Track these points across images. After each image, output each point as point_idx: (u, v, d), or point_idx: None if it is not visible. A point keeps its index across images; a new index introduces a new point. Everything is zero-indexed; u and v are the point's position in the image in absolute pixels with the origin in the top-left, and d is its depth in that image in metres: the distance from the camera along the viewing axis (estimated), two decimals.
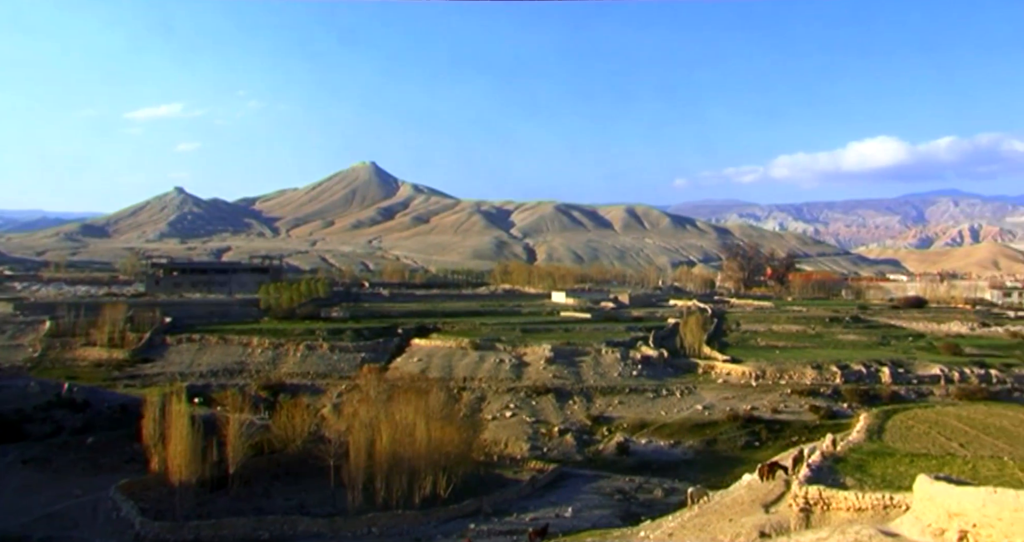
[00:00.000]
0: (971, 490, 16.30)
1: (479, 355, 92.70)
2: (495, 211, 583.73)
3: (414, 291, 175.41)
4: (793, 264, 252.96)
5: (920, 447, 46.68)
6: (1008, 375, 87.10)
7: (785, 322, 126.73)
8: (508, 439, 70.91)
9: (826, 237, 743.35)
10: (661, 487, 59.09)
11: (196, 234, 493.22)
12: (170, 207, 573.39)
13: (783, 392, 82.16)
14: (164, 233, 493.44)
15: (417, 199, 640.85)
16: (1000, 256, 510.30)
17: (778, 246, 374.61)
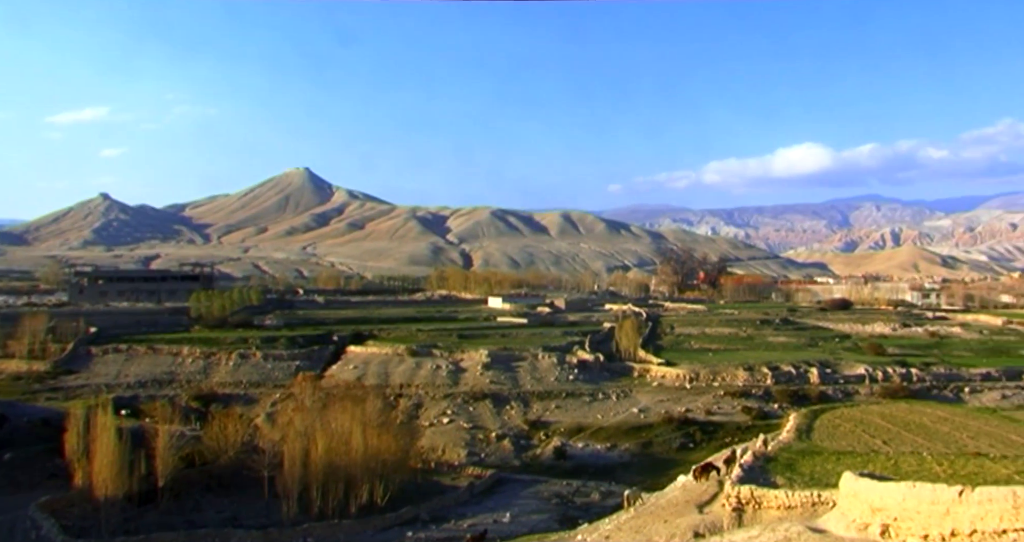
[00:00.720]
0: (892, 485, 16.85)
1: (416, 361, 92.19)
2: (431, 217, 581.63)
3: (349, 298, 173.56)
4: (725, 268, 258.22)
5: (846, 445, 48.09)
6: (927, 373, 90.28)
7: (718, 325, 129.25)
8: (445, 445, 70.62)
9: (756, 241, 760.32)
10: (598, 490, 59.50)
11: (123, 241, 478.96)
12: (95, 214, 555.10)
13: (716, 394, 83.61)
14: (88, 240, 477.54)
15: (352, 205, 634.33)
16: (919, 259, 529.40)
17: (710, 250, 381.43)
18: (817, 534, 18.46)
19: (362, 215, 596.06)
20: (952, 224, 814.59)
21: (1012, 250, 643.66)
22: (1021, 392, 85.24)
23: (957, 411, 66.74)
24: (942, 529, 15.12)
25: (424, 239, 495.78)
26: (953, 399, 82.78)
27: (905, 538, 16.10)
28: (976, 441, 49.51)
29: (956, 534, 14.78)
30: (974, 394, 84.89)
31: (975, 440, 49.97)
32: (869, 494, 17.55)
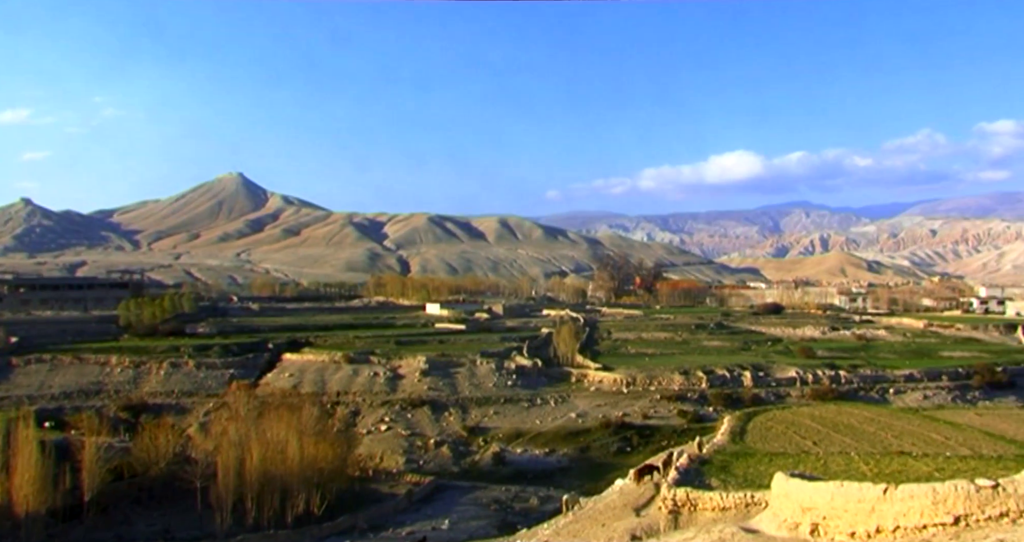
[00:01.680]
0: (821, 485, 17.33)
1: (353, 369, 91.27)
2: (368, 223, 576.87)
3: (285, 305, 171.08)
4: (661, 273, 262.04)
5: (778, 446, 49.26)
6: (855, 375, 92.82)
7: (654, 330, 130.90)
8: (383, 453, 70.05)
9: (691, 247, 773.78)
10: (537, 495, 59.71)
11: (46, 248, 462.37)
12: (16, 219, 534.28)
13: (653, 398, 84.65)
14: (9, 247, 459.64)
15: (288, 211, 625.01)
16: (847, 264, 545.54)
17: (646, 256, 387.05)
18: (750, 534, 18.87)
19: (298, 221, 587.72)
20: (877, 230, 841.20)
21: (932, 255, 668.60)
22: (941, 392, 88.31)
23: (882, 412, 68.94)
24: (868, 526, 15.64)
25: (361, 245, 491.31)
26: (879, 400, 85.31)
27: (833, 536, 16.60)
28: (900, 440, 51.25)
29: (881, 530, 15.30)
30: (898, 395, 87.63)
31: (899, 439, 51.72)
32: (799, 494, 18.03)
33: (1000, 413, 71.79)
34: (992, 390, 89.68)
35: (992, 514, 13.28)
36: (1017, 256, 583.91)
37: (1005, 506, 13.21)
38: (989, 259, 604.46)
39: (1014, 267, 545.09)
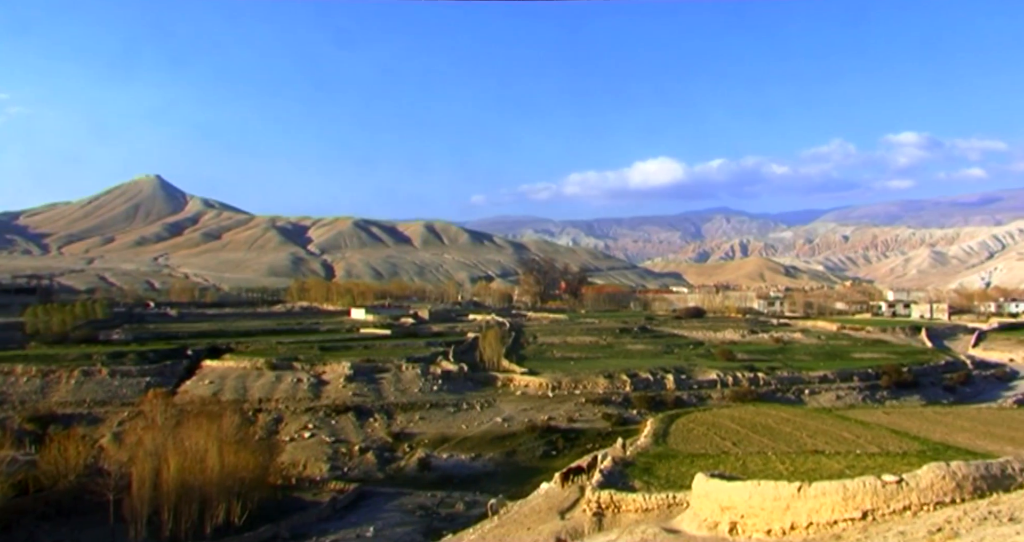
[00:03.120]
0: (739, 484, 17.81)
1: (275, 375, 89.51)
2: (291, 227, 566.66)
3: (205, 310, 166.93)
4: (586, 278, 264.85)
5: (699, 448, 50.30)
6: (772, 377, 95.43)
7: (579, 334, 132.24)
8: (307, 460, 68.84)
9: (615, 252, 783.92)
10: (463, 501, 59.55)
11: None
12: None
13: (578, 401, 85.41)
14: None
15: (208, 214, 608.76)
16: (765, 269, 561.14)
17: (571, 261, 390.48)
18: (671, 535, 19.25)
19: (218, 225, 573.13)
20: (793, 236, 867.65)
21: (845, 260, 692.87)
22: (852, 392, 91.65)
23: (798, 412, 71.07)
24: (783, 523, 16.14)
25: (284, 249, 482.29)
26: (795, 401, 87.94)
27: (751, 534, 17.06)
28: (814, 439, 52.90)
29: (795, 527, 15.81)
30: (813, 395, 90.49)
31: (813, 438, 53.38)
32: (719, 494, 18.49)
33: (906, 411, 74.86)
34: (899, 389, 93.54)
35: (896, 508, 13.88)
36: (921, 261, 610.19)
37: (908, 500, 13.81)
38: (896, 264, 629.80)
39: (919, 272, 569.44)
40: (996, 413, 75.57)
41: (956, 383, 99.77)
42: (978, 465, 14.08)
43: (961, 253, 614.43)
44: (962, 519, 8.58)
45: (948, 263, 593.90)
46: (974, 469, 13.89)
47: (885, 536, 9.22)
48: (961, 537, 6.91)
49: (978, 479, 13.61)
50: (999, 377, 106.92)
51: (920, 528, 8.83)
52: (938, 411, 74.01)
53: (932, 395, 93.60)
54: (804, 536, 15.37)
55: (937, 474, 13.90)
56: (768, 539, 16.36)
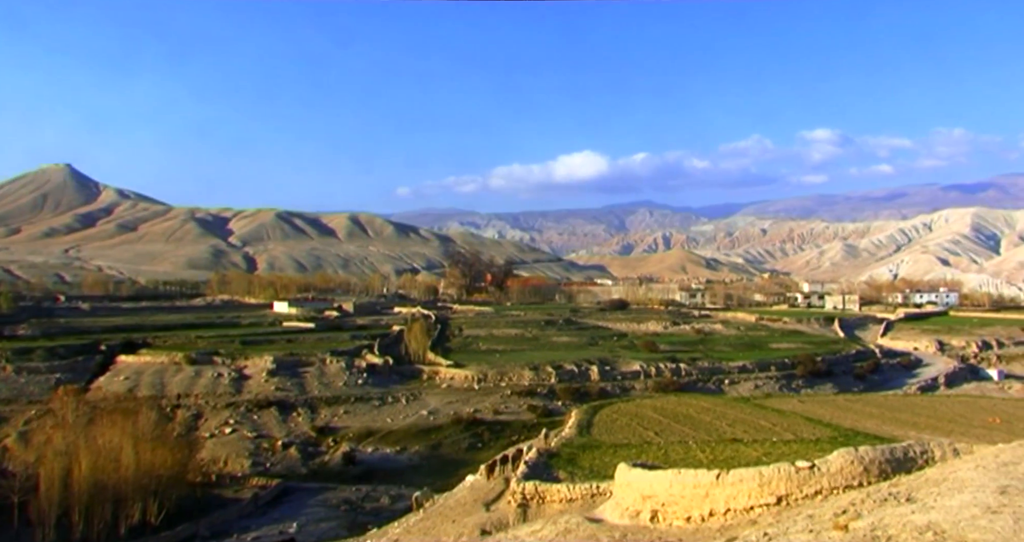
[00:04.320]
0: (660, 473, 18.16)
1: (195, 370, 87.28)
2: (211, 218, 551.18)
3: (120, 304, 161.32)
4: (511, 270, 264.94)
5: (623, 438, 51.13)
6: (694, 368, 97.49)
7: (505, 326, 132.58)
8: (228, 456, 67.41)
9: (541, 244, 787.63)
10: (388, 494, 59.28)
11: None
12: None
13: (504, 394, 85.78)
14: None
15: (123, 205, 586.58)
16: (687, 261, 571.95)
17: (497, 253, 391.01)
18: (594, 524, 19.52)
19: (134, 216, 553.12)
20: (714, 229, 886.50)
21: (763, 253, 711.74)
22: (770, 382, 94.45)
23: (718, 401, 72.94)
24: (702, 510, 16.53)
25: (204, 242, 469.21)
26: (715, 390, 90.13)
27: (671, 521, 17.43)
28: (733, 428, 54.38)
29: (714, 513, 16.22)
30: (732, 385, 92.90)
31: (732, 427, 54.87)
32: (640, 483, 18.82)
33: (819, 399, 77.65)
34: (813, 378, 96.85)
35: (809, 492, 14.40)
36: (834, 254, 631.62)
37: (820, 484, 14.35)
38: (811, 257, 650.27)
39: (832, 264, 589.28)
40: (901, 400, 79.10)
41: (865, 372, 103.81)
42: (883, 449, 14.71)
43: (871, 246, 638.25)
44: (865, 501, 8.96)
45: (859, 256, 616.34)
46: (879, 453, 14.51)
47: (795, 519, 9.55)
48: (863, 518, 7.20)
49: (883, 463, 14.23)
50: (904, 365, 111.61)
51: (827, 511, 9.18)
52: (849, 399, 76.99)
53: (843, 383, 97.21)
54: (722, 522, 15.77)
55: (846, 459, 14.47)
56: (688, 526, 16.74)
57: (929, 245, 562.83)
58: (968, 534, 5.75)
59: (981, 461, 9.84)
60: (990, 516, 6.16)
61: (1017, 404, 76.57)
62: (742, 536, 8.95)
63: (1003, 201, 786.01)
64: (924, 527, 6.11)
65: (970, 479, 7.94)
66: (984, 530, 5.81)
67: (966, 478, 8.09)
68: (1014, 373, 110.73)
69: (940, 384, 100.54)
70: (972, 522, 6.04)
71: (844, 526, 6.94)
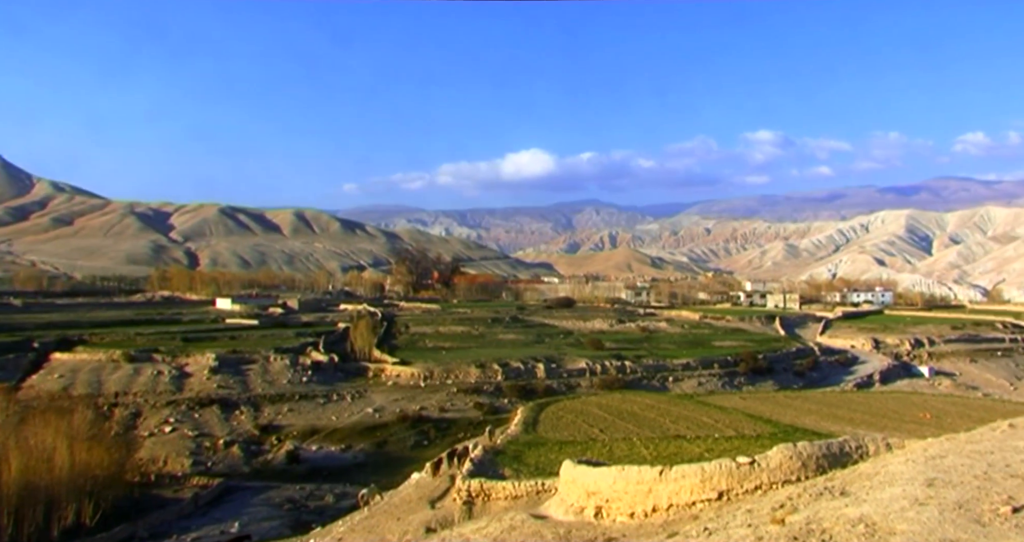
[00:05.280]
0: (604, 470, 18.35)
1: (133, 367, 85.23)
2: (152, 213, 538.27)
3: (55, 300, 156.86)
4: (458, 268, 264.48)
5: (568, 435, 51.47)
6: (639, 365, 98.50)
7: (451, 323, 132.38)
8: (167, 456, 66.06)
9: (488, 242, 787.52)
10: (332, 493, 58.78)
11: None
12: None
13: (450, 391, 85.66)
14: None
15: (58, 198, 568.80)
16: (633, 260, 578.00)
17: (444, 250, 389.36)
18: (538, 520, 19.63)
19: (70, 210, 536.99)
20: (660, 228, 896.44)
21: (707, 252, 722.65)
22: (713, 379, 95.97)
23: (662, 399, 73.90)
24: (645, 506, 16.76)
25: (144, 237, 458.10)
26: (659, 388, 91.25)
27: (615, 517, 17.64)
28: (677, 425, 55.18)
29: (657, 509, 16.46)
30: (676, 382, 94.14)
31: (676, 424, 55.67)
32: (585, 479, 18.99)
33: (760, 396, 79.23)
34: (754, 375, 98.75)
35: (749, 487, 14.71)
36: (776, 254, 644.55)
37: (760, 480, 14.67)
38: (754, 256, 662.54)
39: (774, 264, 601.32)
40: (839, 396, 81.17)
41: (805, 369, 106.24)
42: (820, 445, 15.11)
43: (811, 246, 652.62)
44: (802, 495, 9.20)
45: (800, 256, 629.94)
46: (817, 449, 14.90)
47: (735, 514, 9.76)
48: (800, 511, 7.40)
49: (820, 458, 14.61)
50: (842, 363, 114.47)
51: (766, 505, 9.40)
52: (789, 395, 78.71)
53: (784, 380, 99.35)
54: (665, 517, 16.01)
55: (785, 455, 14.82)
56: (631, 522, 16.95)
57: (866, 245, 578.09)
58: (897, 525, 5.95)
59: (911, 455, 10.18)
60: (918, 508, 6.39)
61: (946, 400, 79.21)
62: (683, 531, 9.11)
63: (935, 203, 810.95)
64: (856, 519, 6.31)
65: (900, 473, 8.21)
66: (912, 521, 6.03)
67: (896, 472, 8.36)
68: (944, 370, 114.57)
69: (875, 381, 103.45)
70: (901, 514, 6.26)
71: (781, 520, 7.11)
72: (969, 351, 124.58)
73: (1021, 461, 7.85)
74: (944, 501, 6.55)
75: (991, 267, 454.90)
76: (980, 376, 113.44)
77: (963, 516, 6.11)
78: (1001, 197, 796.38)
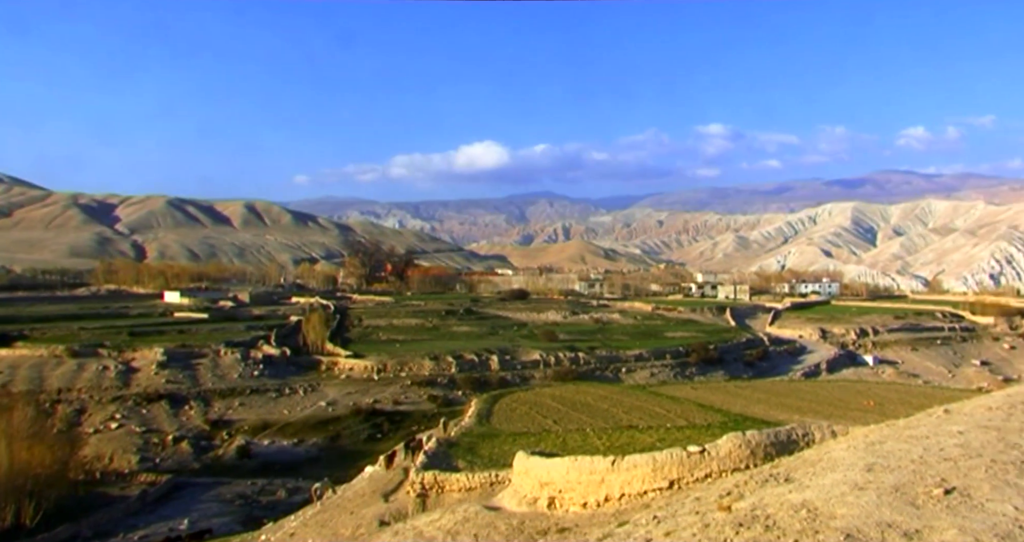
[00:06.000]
0: (558, 461, 18.48)
1: (78, 363, 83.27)
2: (96, 205, 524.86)
3: None
4: (412, 260, 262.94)
5: (522, 427, 51.64)
6: (592, 357, 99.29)
7: (405, 316, 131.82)
8: (114, 453, 64.82)
9: (442, 234, 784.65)
10: (285, 487, 58.31)
11: None
12: None
13: (404, 384, 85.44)
14: None
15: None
16: (586, 252, 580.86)
17: (398, 243, 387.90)
18: (492, 512, 19.71)
19: (8, 201, 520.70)
20: (612, 220, 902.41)
21: (659, 244, 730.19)
22: (665, 369, 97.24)
23: (615, 389, 74.56)
24: (598, 496, 16.93)
25: (88, 229, 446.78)
26: (612, 379, 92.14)
27: (568, 508, 17.79)
28: (629, 415, 55.72)
29: (609, 499, 16.64)
30: (629, 373, 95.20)
31: (628, 414, 56.21)
32: (538, 470, 19.11)
33: (711, 386, 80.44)
34: (706, 366, 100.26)
35: (699, 476, 14.95)
36: (727, 246, 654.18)
37: (709, 468, 14.91)
38: (705, 248, 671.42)
39: (725, 255, 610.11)
40: (787, 385, 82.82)
41: (755, 359, 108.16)
42: (768, 433, 15.41)
43: (761, 238, 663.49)
44: (748, 482, 9.39)
45: (750, 247, 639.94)
46: (765, 437, 15.20)
47: (684, 502, 9.93)
48: (746, 498, 7.57)
49: (768, 446, 14.91)
50: (790, 352, 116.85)
51: (713, 493, 9.59)
52: (739, 385, 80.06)
53: (734, 370, 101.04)
54: (617, 507, 16.19)
55: (735, 443, 15.09)
56: (584, 512, 17.11)
57: (814, 237, 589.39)
58: (837, 509, 6.13)
59: (853, 442, 10.45)
60: (857, 492, 6.58)
61: (889, 387, 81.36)
62: (634, 520, 9.23)
63: (879, 196, 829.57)
64: (799, 505, 6.47)
65: (842, 459, 8.44)
66: (851, 505, 6.21)
67: (838, 458, 8.59)
68: (887, 358, 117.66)
69: (822, 370, 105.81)
70: (841, 498, 6.45)
71: (728, 507, 7.25)
72: (911, 340, 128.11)
73: (954, 445, 8.12)
74: (882, 485, 6.76)
75: (931, 258, 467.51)
76: (921, 364, 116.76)
77: (899, 499, 6.32)
78: (941, 190, 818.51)
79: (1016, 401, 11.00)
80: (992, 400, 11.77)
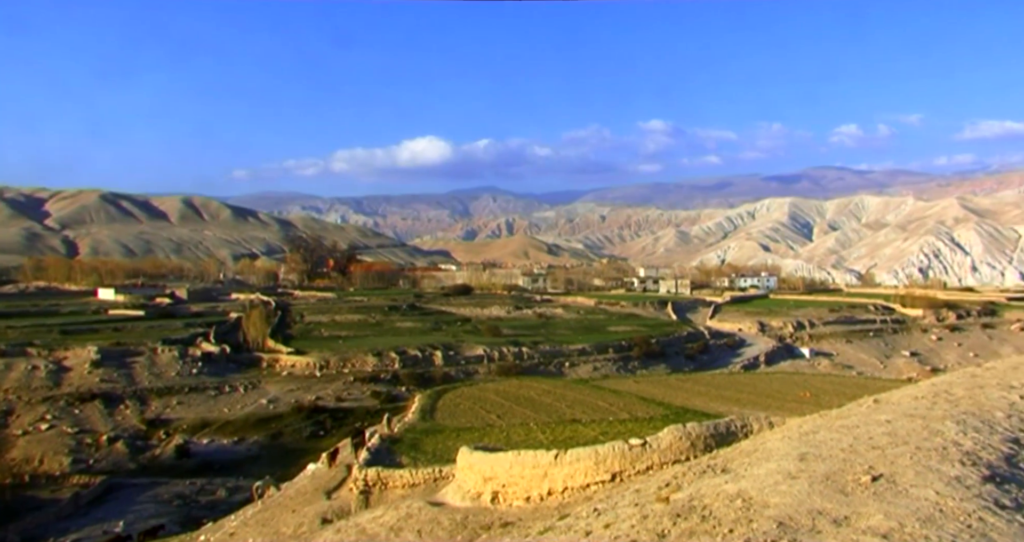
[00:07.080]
0: (501, 455, 18.59)
1: (4, 362, 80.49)
2: (24, 199, 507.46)
3: None
4: (354, 255, 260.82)
5: (466, 422, 51.58)
6: (536, 351, 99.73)
7: (347, 312, 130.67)
8: (44, 454, 62.86)
9: (385, 229, 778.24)
10: (225, 487, 57.30)
11: None
12: None
13: (347, 380, 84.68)
14: None
15: None
16: (529, 247, 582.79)
17: (340, 238, 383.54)
18: (436, 507, 19.74)
19: None
20: (556, 215, 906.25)
21: (602, 239, 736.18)
22: (608, 364, 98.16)
23: (558, 384, 75.01)
24: (541, 489, 17.08)
25: (16, 224, 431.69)
26: (556, 373, 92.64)
27: (511, 501, 17.90)
28: (572, 409, 56.11)
29: (552, 492, 16.80)
30: (572, 367, 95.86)
31: (572, 408, 56.61)
32: (482, 465, 19.19)
33: (653, 379, 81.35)
34: (648, 359, 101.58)
35: (641, 468, 15.19)
36: (668, 241, 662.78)
37: (651, 460, 15.17)
38: (647, 243, 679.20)
39: (666, 250, 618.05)
40: (727, 378, 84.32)
41: (696, 352, 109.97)
42: (708, 425, 15.73)
43: (701, 233, 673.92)
44: (687, 474, 9.59)
45: (691, 242, 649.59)
46: (704, 429, 15.51)
47: (624, 494, 10.09)
48: (683, 489, 7.73)
49: (707, 437, 15.22)
50: (730, 345, 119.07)
51: (653, 484, 9.76)
52: (680, 378, 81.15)
53: (676, 363, 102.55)
54: (560, 500, 16.36)
55: (675, 436, 15.37)
56: (527, 505, 17.25)
57: (752, 232, 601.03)
58: (771, 498, 6.31)
59: (787, 432, 10.74)
60: (790, 481, 6.79)
61: (825, 379, 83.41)
62: (575, 512, 9.35)
63: (815, 191, 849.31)
64: (735, 495, 6.64)
65: (776, 449, 8.67)
66: (784, 494, 6.41)
67: (773, 448, 8.82)
68: (823, 350, 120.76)
69: (761, 362, 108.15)
70: (775, 487, 6.64)
71: (666, 498, 7.40)
72: (845, 332, 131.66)
73: (882, 433, 8.42)
74: (814, 474, 6.98)
75: (864, 252, 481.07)
76: (855, 356, 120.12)
77: (829, 487, 6.54)
78: (873, 186, 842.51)
79: (940, 390, 11.43)
80: (918, 390, 12.21)
